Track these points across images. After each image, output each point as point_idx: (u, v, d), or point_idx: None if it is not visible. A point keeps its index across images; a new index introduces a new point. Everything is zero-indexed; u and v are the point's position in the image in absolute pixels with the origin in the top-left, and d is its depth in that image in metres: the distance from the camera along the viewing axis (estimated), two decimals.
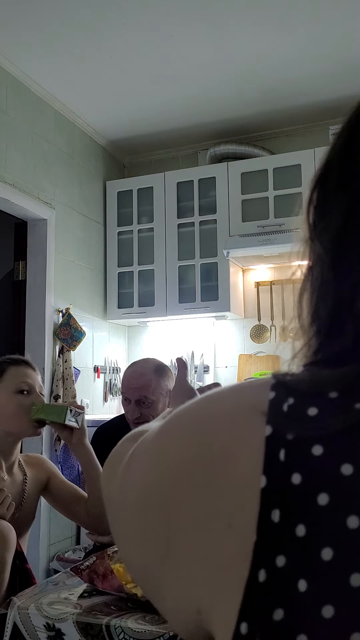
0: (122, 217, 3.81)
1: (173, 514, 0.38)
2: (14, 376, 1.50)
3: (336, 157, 0.41)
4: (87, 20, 2.63)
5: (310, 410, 0.36)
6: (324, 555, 0.32)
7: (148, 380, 1.87)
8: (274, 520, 0.34)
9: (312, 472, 0.34)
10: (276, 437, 0.35)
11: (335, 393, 0.36)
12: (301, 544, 0.33)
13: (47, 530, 3.03)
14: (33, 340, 3.16)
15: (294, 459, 0.34)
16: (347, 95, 3.34)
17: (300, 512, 0.33)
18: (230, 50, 2.89)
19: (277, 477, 0.34)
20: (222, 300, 3.46)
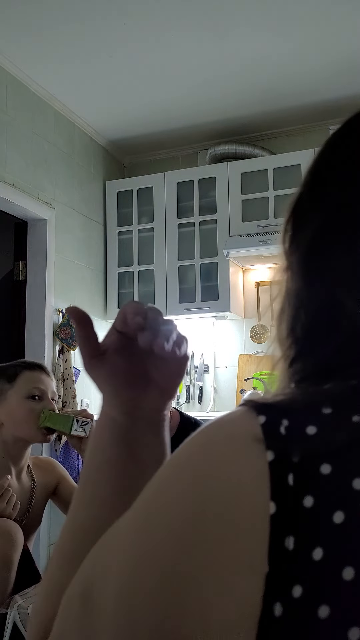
0: (122, 217, 3.81)
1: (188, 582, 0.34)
2: (27, 381, 1.48)
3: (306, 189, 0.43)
4: (87, 21, 2.63)
5: (309, 429, 0.34)
6: (345, 576, 0.31)
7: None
8: (288, 548, 0.32)
9: (324, 492, 0.32)
10: (280, 462, 0.34)
11: (329, 409, 0.35)
12: (319, 567, 0.31)
13: (47, 530, 3.03)
14: (33, 340, 3.16)
15: (303, 481, 0.33)
16: (347, 95, 3.35)
17: (316, 535, 0.32)
18: (230, 50, 2.89)
19: (287, 502, 0.33)
20: (222, 300, 3.46)
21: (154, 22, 2.65)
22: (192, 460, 0.36)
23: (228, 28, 2.71)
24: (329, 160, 0.43)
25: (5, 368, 1.50)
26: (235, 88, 3.25)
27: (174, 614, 0.33)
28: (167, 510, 0.35)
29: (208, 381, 3.74)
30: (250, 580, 0.32)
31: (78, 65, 2.99)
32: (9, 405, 1.46)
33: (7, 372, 1.49)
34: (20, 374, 1.48)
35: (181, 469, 0.37)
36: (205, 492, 0.34)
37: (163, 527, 0.35)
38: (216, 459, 0.35)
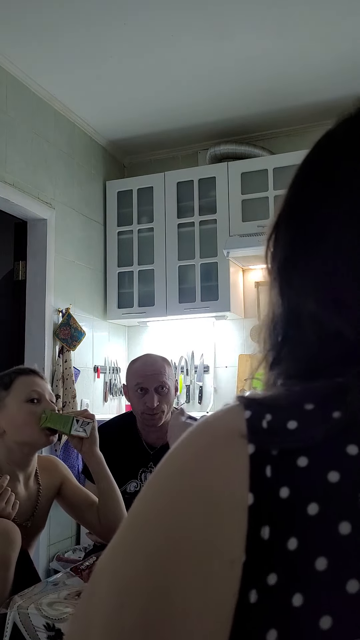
0: (122, 217, 3.81)
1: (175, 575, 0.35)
2: (23, 385, 1.48)
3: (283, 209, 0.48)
4: (87, 21, 2.63)
5: (290, 423, 0.36)
6: (318, 566, 0.32)
7: (162, 367, 1.91)
8: (264, 538, 0.33)
9: (299, 483, 0.34)
10: (260, 454, 0.35)
11: (311, 405, 0.37)
12: (294, 557, 0.32)
13: (47, 530, 3.03)
14: (33, 340, 3.16)
15: (280, 474, 0.34)
16: (347, 95, 3.34)
17: (291, 525, 0.33)
18: (230, 50, 2.89)
19: (265, 493, 0.34)
20: (222, 300, 3.46)
21: (154, 22, 2.65)
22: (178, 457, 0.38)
23: (228, 28, 2.71)
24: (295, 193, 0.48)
25: (2, 376, 1.51)
26: (235, 88, 3.25)
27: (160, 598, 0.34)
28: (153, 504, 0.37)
29: (208, 381, 3.74)
30: (230, 569, 0.33)
31: (78, 65, 2.99)
32: (9, 411, 1.45)
33: (2, 380, 1.49)
34: (15, 380, 1.48)
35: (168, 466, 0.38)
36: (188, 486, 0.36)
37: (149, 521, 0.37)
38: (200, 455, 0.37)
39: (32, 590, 1.26)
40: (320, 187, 0.45)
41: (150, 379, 1.87)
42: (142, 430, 1.94)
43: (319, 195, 0.45)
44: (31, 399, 1.46)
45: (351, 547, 0.32)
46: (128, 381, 1.95)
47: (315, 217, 0.44)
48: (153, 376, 1.87)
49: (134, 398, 1.89)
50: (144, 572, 0.35)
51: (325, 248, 0.42)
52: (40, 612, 1.14)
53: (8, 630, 1.16)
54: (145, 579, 0.35)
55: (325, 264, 0.42)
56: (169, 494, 0.37)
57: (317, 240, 0.43)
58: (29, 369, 1.54)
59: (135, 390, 1.88)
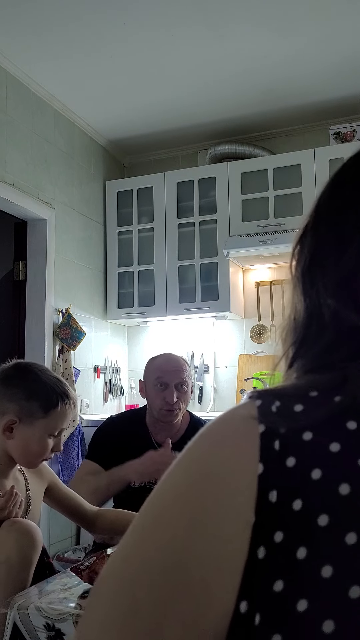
0: (122, 217, 3.81)
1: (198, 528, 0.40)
2: (59, 418, 1.40)
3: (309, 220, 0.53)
4: (87, 20, 2.63)
5: (296, 407, 0.41)
6: (320, 522, 0.36)
7: (183, 364, 1.94)
8: (272, 501, 0.38)
9: (304, 453, 0.38)
10: (269, 432, 0.40)
11: (316, 392, 0.42)
12: (298, 516, 0.37)
13: (47, 530, 3.03)
14: (33, 340, 3.16)
15: (288, 446, 0.39)
16: (347, 95, 3.35)
17: (296, 488, 0.37)
18: (230, 50, 2.89)
19: (273, 463, 0.39)
20: (222, 300, 3.46)
21: (154, 22, 2.65)
22: (198, 438, 0.44)
23: (228, 28, 2.71)
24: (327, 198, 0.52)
25: (46, 393, 1.39)
26: (235, 88, 3.25)
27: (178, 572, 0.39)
28: (174, 479, 0.43)
29: (208, 381, 3.74)
30: (244, 530, 0.38)
31: (78, 65, 3.00)
32: (31, 434, 1.38)
33: (48, 399, 1.38)
34: (57, 408, 1.39)
35: (189, 447, 0.44)
36: (207, 460, 0.42)
37: (171, 490, 0.43)
38: (217, 434, 0.43)
39: (32, 590, 1.26)
40: (350, 192, 0.50)
41: (171, 374, 1.89)
42: (153, 427, 1.94)
43: (348, 201, 0.49)
44: (54, 434, 1.42)
45: (351, 505, 0.36)
46: (147, 376, 1.96)
47: (340, 222, 0.49)
48: (174, 372, 1.89)
49: (153, 393, 1.90)
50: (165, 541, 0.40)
51: (349, 252, 0.47)
52: (40, 612, 1.14)
53: (8, 630, 1.16)
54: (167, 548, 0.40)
55: (347, 267, 0.47)
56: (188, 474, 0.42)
57: (340, 244, 0.48)
58: (73, 400, 1.45)
59: (155, 385, 1.90)
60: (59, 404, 1.40)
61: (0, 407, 1.38)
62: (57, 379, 1.45)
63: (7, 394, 1.38)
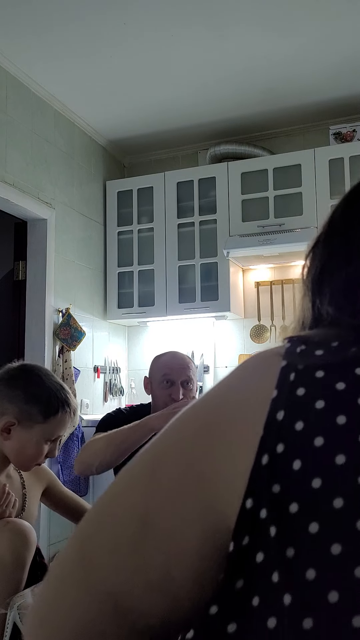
0: (122, 217, 3.81)
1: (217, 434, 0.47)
2: (58, 425, 1.40)
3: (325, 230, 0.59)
4: (87, 20, 2.63)
5: (317, 351, 0.47)
6: (316, 442, 0.42)
7: (189, 362, 1.97)
8: (278, 419, 0.44)
9: (312, 386, 0.44)
10: (289, 367, 0.46)
11: (336, 343, 0.48)
12: (298, 435, 0.42)
13: (47, 530, 3.03)
14: (33, 340, 3.16)
15: (300, 379, 0.45)
16: (347, 95, 3.35)
17: (300, 412, 0.43)
18: (230, 50, 2.89)
19: (285, 390, 0.45)
20: (222, 300, 3.46)
21: (154, 22, 2.65)
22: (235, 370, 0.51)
23: (228, 28, 2.71)
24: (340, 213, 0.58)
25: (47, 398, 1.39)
26: (235, 88, 3.25)
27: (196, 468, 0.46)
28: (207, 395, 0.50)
29: (208, 381, 3.73)
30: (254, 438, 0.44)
31: (78, 65, 2.99)
32: (29, 437, 1.38)
33: (49, 405, 1.38)
34: (57, 415, 1.39)
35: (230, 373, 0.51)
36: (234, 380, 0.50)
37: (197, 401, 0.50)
38: (247, 363, 0.51)
39: (32, 590, 1.26)
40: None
41: (178, 372, 1.91)
42: None
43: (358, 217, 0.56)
44: (51, 440, 1.42)
45: (345, 432, 0.41)
46: (153, 373, 1.97)
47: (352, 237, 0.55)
48: (181, 370, 1.92)
49: (159, 390, 1.92)
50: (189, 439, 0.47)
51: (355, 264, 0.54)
52: None
53: (8, 630, 1.16)
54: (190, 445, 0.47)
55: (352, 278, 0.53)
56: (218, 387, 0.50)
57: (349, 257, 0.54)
58: (73, 408, 1.45)
59: (161, 382, 1.91)
60: (59, 411, 1.39)
61: (0, 407, 1.38)
62: (61, 385, 1.45)
63: (8, 395, 1.38)
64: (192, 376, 1.94)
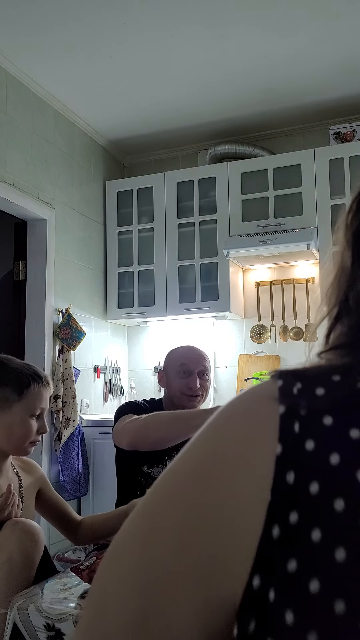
0: (122, 217, 3.81)
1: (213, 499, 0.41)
2: (35, 397, 1.42)
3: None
4: (87, 20, 2.63)
5: (318, 390, 0.41)
6: (336, 506, 0.36)
7: (203, 353, 2.00)
8: (289, 482, 0.38)
9: (324, 437, 0.39)
10: (289, 414, 0.40)
11: (338, 377, 0.42)
12: (314, 499, 0.37)
13: (47, 531, 3.03)
14: (33, 340, 3.16)
15: (307, 429, 0.39)
16: (347, 95, 3.35)
17: (313, 472, 0.38)
18: (230, 50, 2.89)
19: (292, 444, 0.39)
20: (222, 300, 3.46)
21: (154, 22, 2.65)
22: (218, 416, 0.44)
23: (228, 28, 2.71)
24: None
25: (16, 376, 1.41)
26: (235, 88, 3.25)
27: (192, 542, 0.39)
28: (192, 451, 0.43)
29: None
30: (256, 506, 0.38)
31: (78, 65, 3.00)
32: (12, 418, 1.39)
33: (19, 382, 1.41)
34: (30, 388, 1.41)
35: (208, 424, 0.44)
36: (224, 434, 0.42)
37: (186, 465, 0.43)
38: (237, 412, 0.43)
39: (32, 590, 1.26)
40: None
41: (195, 362, 1.94)
42: None
43: None
44: (35, 415, 1.42)
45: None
46: (169, 365, 1.98)
47: None
48: (198, 360, 1.95)
49: (175, 380, 1.93)
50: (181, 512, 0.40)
51: None
52: (40, 612, 1.14)
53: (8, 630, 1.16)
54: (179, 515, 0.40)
55: None
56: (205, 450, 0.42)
57: None
58: (45, 378, 1.47)
59: (178, 372, 1.93)
60: (31, 384, 1.42)
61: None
62: (25, 363, 1.48)
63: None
64: (208, 367, 1.97)
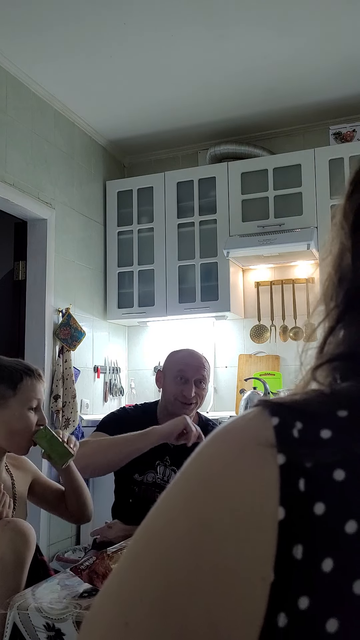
0: (122, 217, 3.81)
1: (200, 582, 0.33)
2: (29, 390, 1.42)
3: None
4: (87, 20, 2.63)
5: (323, 432, 0.33)
6: (355, 589, 0.29)
7: (205, 362, 1.97)
8: (296, 557, 0.31)
9: (336, 499, 0.31)
10: (291, 466, 0.33)
11: (345, 412, 0.34)
12: (329, 579, 0.30)
13: (47, 530, 3.03)
14: (33, 340, 3.16)
15: (314, 489, 0.32)
16: (347, 95, 3.35)
17: (326, 544, 0.31)
18: (230, 50, 2.89)
19: (298, 509, 0.32)
20: (222, 300, 3.46)
21: (154, 22, 2.65)
22: (200, 468, 0.36)
23: (228, 28, 2.71)
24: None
25: (9, 372, 1.43)
26: (235, 88, 3.25)
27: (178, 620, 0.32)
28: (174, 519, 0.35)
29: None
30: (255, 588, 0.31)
31: (78, 65, 2.99)
32: (9, 414, 1.40)
33: (12, 377, 1.42)
34: (23, 381, 1.42)
35: (190, 475, 0.36)
36: (212, 498, 0.34)
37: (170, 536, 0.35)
38: (223, 467, 0.34)
39: (32, 590, 1.26)
40: None
41: (193, 370, 1.91)
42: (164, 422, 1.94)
43: None
44: (32, 407, 1.43)
45: None
46: (168, 368, 1.97)
47: None
48: (196, 368, 1.92)
49: (172, 385, 1.92)
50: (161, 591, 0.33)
51: None
52: (40, 612, 1.14)
53: (8, 630, 1.16)
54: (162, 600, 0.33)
55: None
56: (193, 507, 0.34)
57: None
58: (37, 371, 1.48)
59: (175, 377, 1.91)
60: (24, 377, 1.42)
61: None
62: (16, 359, 1.50)
63: None
64: (206, 376, 1.94)
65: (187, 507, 0.34)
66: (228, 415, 3.25)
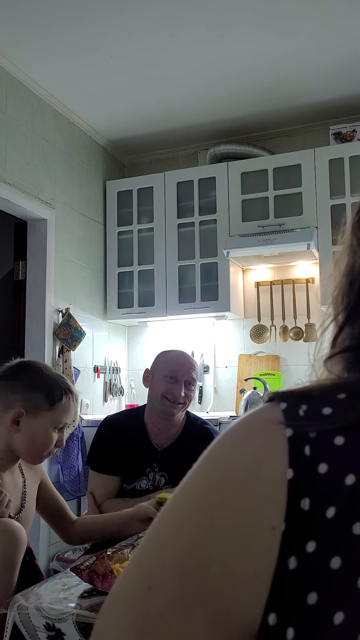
0: (122, 217, 3.81)
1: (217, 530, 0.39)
2: (64, 412, 1.43)
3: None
4: (87, 20, 2.63)
5: (325, 410, 0.39)
6: (355, 530, 0.34)
7: (194, 362, 1.99)
8: (304, 508, 0.36)
9: (337, 459, 0.37)
10: (298, 436, 0.38)
11: (344, 394, 0.40)
12: (332, 525, 0.35)
13: (47, 530, 3.03)
14: (33, 340, 3.16)
15: (318, 452, 0.37)
16: (347, 95, 3.35)
17: (329, 496, 0.36)
18: (230, 50, 2.89)
19: (304, 469, 0.37)
20: (222, 300, 3.46)
21: (154, 22, 2.65)
22: (217, 445, 0.42)
23: (228, 28, 2.71)
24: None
25: (50, 386, 1.43)
26: (235, 88, 3.25)
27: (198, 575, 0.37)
28: (192, 484, 0.41)
29: (208, 381, 3.74)
30: (268, 537, 0.36)
31: (78, 65, 3.00)
32: (38, 425, 1.40)
33: (52, 392, 1.42)
34: (62, 402, 1.42)
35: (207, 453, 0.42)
36: (227, 464, 0.39)
37: (188, 499, 0.41)
38: (239, 439, 0.40)
39: (33, 590, 1.26)
40: None
41: (183, 370, 1.92)
42: (152, 425, 1.94)
43: None
44: (60, 427, 1.44)
45: None
46: (156, 367, 1.98)
47: None
48: (188, 369, 1.93)
49: (161, 383, 1.92)
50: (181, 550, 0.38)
51: None
52: (40, 612, 1.14)
53: (8, 630, 1.16)
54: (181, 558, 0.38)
55: None
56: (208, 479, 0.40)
57: None
58: (76, 394, 1.48)
59: (165, 376, 1.92)
60: (63, 398, 1.43)
61: (6, 402, 1.40)
62: (60, 375, 1.50)
63: (11, 389, 1.41)
64: (195, 378, 1.95)
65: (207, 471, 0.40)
66: (228, 415, 3.25)
